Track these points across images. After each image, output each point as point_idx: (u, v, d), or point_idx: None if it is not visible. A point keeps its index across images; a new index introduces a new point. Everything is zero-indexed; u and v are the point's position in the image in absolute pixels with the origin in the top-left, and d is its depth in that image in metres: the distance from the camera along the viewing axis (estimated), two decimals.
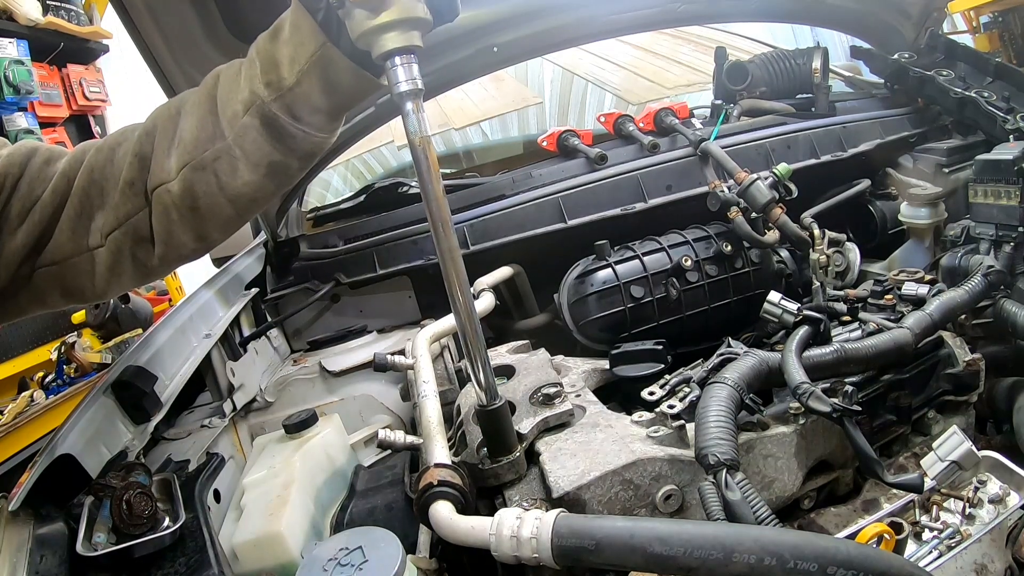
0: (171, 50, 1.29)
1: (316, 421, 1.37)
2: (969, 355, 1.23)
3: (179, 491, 1.08)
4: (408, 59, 0.84)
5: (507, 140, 2.85)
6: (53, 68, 4.31)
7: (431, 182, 0.88)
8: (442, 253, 0.90)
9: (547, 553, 0.77)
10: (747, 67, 2.19)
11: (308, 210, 2.25)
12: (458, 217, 1.86)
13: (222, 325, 1.62)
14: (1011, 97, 1.80)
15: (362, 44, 0.85)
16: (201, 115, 0.93)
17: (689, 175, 1.85)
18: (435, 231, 0.90)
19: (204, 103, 0.94)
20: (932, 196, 1.76)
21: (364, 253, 1.88)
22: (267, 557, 1.08)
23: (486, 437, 1.00)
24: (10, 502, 0.93)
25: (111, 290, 1.01)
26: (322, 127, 0.94)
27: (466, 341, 0.94)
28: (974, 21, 4.34)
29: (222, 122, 0.92)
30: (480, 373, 0.94)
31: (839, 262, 1.69)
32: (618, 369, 1.34)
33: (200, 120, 0.93)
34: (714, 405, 0.98)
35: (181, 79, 1.31)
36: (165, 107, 0.98)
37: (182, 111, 0.95)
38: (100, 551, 0.91)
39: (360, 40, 0.84)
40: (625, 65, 3.01)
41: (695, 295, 1.56)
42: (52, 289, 0.97)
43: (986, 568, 0.92)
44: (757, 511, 0.84)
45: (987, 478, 1.03)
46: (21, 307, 1.00)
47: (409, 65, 0.85)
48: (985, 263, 1.38)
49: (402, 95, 0.86)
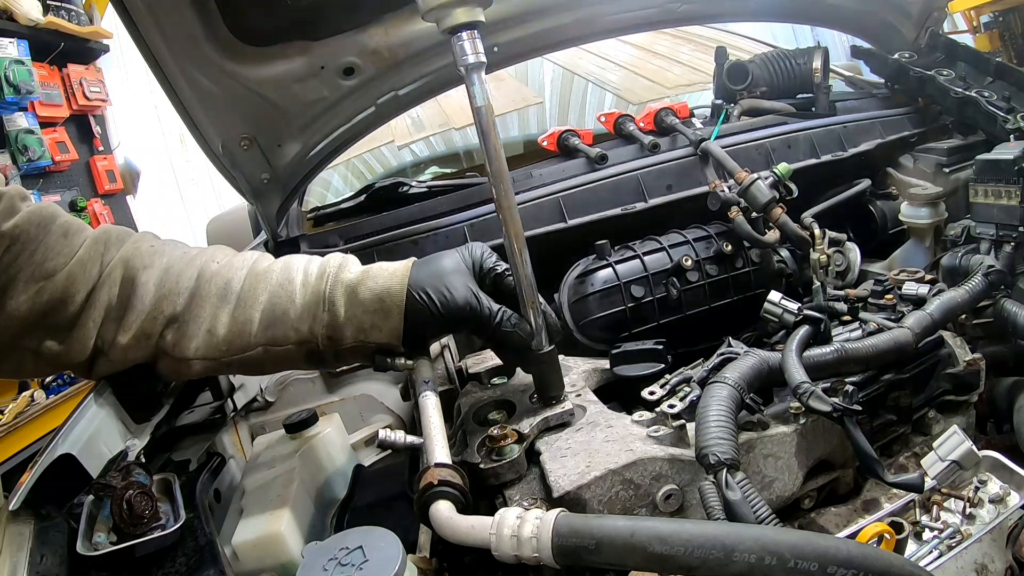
0: (171, 50, 1.29)
1: (316, 421, 1.37)
2: (969, 355, 1.23)
3: (179, 491, 1.08)
4: (473, 34, 0.93)
5: (507, 140, 2.84)
6: (53, 68, 4.31)
7: (493, 145, 1.00)
8: (501, 208, 1.02)
9: (547, 552, 0.77)
10: (747, 67, 2.18)
11: (308, 210, 2.25)
12: (458, 217, 1.86)
13: None
14: (1011, 97, 1.80)
15: (430, 19, 0.92)
16: (243, 321, 0.94)
17: (689, 175, 1.85)
18: (493, 184, 1.02)
19: (247, 304, 0.94)
20: (932, 196, 1.76)
21: (364, 253, 1.88)
22: (267, 557, 1.08)
23: (536, 381, 1.10)
24: (10, 502, 0.93)
25: None
26: (354, 363, 1.03)
27: (520, 288, 1.04)
28: (974, 21, 4.34)
29: (260, 337, 0.93)
30: (534, 319, 1.05)
31: (839, 262, 1.69)
32: (618, 369, 1.34)
33: (241, 326, 0.94)
34: (714, 405, 0.98)
35: (181, 79, 1.31)
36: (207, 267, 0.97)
37: (224, 292, 0.95)
38: (100, 551, 0.91)
39: (429, 16, 0.91)
40: (625, 65, 3.01)
41: (695, 295, 1.56)
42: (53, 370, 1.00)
43: (986, 568, 0.92)
44: (757, 511, 0.84)
45: (988, 478, 1.03)
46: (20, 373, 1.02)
47: (474, 40, 0.93)
48: (985, 263, 1.38)
49: (469, 67, 0.94)
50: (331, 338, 0.91)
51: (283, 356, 0.93)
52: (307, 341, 0.92)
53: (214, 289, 0.95)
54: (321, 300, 0.93)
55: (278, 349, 0.92)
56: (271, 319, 0.93)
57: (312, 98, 1.63)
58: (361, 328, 0.91)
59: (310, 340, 0.92)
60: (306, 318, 0.92)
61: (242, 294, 0.95)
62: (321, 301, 0.93)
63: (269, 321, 0.92)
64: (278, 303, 0.93)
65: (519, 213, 1.05)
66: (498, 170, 1.01)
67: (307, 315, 0.92)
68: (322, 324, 0.91)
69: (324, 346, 0.92)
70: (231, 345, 0.93)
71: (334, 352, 0.93)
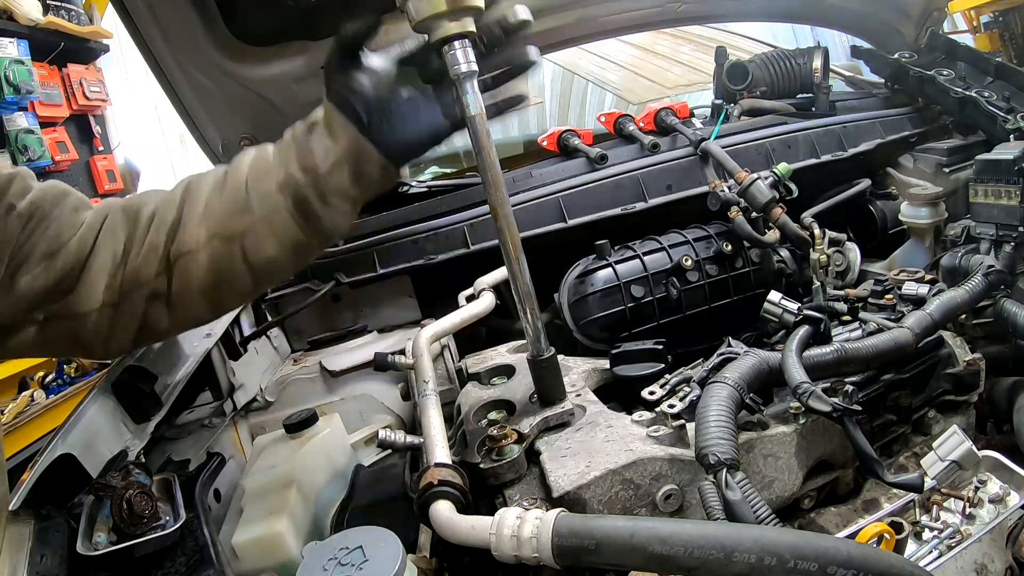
0: (171, 50, 1.29)
1: (316, 421, 1.37)
2: (969, 355, 1.23)
3: (179, 491, 1.08)
4: (464, 43, 0.94)
5: (507, 140, 2.84)
6: (53, 68, 4.31)
7: (486, 150, 0.99)
8: (497, 217, 1.02)
9: (547, 553, 0.77)
10: (747, 67, 2.18)
11: None
12: (458, 217, 1.86)
13: (222, 324, 1.62)
14: (1011, 97, 1.80)
15: (421, 30, 0.94)
16: (233, 189, 0.99)
17: (689, 175, 1.85)
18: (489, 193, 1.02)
19: (235, 179, 0.99)
20: (932, 196, 1.76)
21: (364, 253, 1.88)
22: (267, 556, 1.09)
23: (537, 386, 1.11)
24: (10, 501, 0.93)
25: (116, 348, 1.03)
26: (346, 213, 1.02)
27: (519, 295, 1.05)
28: (974, 21, 4.35)
29: (253, 199, 0.97)
30: (532, 325, 1.06)
31: (839, 262, 1.69)
32: (618, 369, 1.34)
33: (232, 194, 0.98)
34: (714, 405, 0.98)
35: (181, 79, 1.31)
36: (195, 179, 1.02)
37: (213, 185, 1.00)
38: (100, 550, 0.92)
39: (420, 27, 0.93)
40: (625, 65, 3.01)
41: (695, 295, 1.56)
42: (63, 339, 0.97)
43: (986, 568, 0.92)
44: (757, 511, 0.84)
45: (987, 478, 1.03)
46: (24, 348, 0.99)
47: (465, 49, 0.94)
48: (985, 263, 1.38)
49: (461, 76, 0.95)
50: (305, 168, 0.96)
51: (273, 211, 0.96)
52: (288, 183, 0.96)
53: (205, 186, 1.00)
54: (289, 144, 1.00)
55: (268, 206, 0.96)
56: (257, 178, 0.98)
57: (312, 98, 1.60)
58: (324, 148, 0.96)
59: (290, 181, 0.96)
60: (281, 163, 0.98)
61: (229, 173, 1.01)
62: (289, 144, 1.00)
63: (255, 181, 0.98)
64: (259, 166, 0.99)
65: (519, 213, 1.06)
66: (493, 179, 1.01)
67: (280, 161, 0.98)
68: (294, 160, 0.97)
69: (304, 183, 0.96)
70: (229, 216, 0.97)
71: (317, 192, 0.96)
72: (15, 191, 0.91)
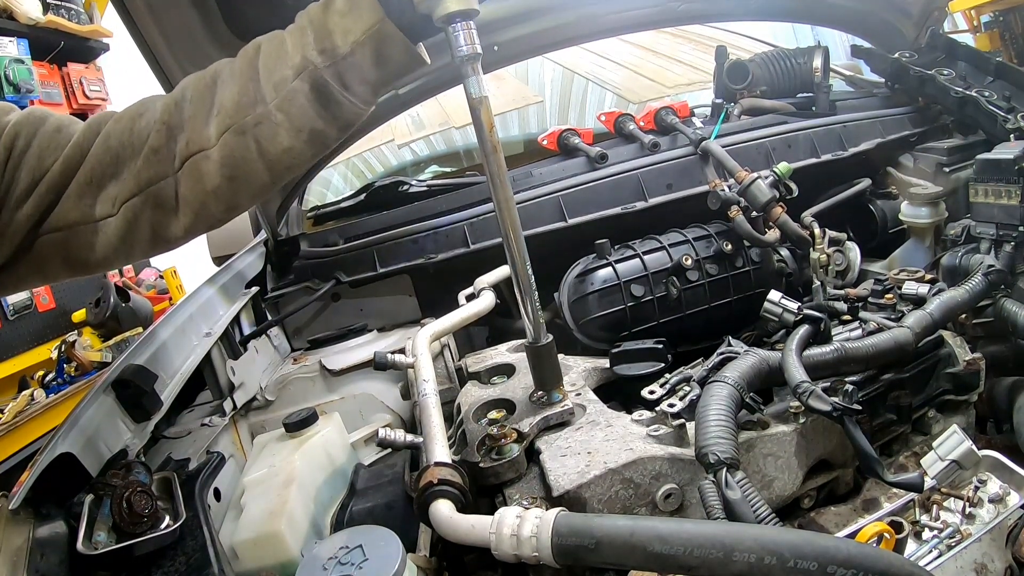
0: (171, 49, 1.29)
1: (316, 420, 1.37)
2: (969, 354, 1.23)
3: (179, 490, 1.08)
4: (468, 24, 0.90)
5: (507, 139, 2.84)
6: (53, 67, 4.31)
7: (488, 137, 0.98)
8: (498, 202, 1.01)
9: (547, 552, 0.77)
10: (747, 66, 2.18)
11: (308, 209, 2.25)
12: (458, 216, 1.86)
13: (222, 324, 1.62)
14: (1012, 96, 1.80)
15: (424, 8, 0.88)
16: (243, 82, 0.93)
17: (689, 174, 1.85)
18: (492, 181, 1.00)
19: (245, 71, 0.94)
20: (933, 195, 1.76)
21: (364, 252, 1.88)
22: (267, 556, 1.09)
23: (535, 372, 1.11)
24: (10, 501, 0.93)
25: (118, 260, 0.99)
26: (366, 99, 0.96)
27: (518, 283, 1.05)
28: (975, 20, 4.34)
29: (265, 88, 0.92)
30: (530, 313, 1.06)
31: (839, 261, 1.69)
32: (618, 368, 1.34)
33: (242, 87, 0.93)
34: (714, 404, 0.98)
35: (181, 78, 1.31)
36: (196, 78, 0.97)
37: (218, 80, 0.94)
38: (100, 550, 0.92)
39: (423, 4, 0.87)
40: (626, 64, 3.01)
41: (695, 294, 1.56)
42: (53, 258, 0.95)
43: (986, 567, 0.92)
44: (757, 510, 0.84)
45: (987, 477, 1.03)
46: (20, 278, 0.97)
47: (469, 30, 0.90)
48: (985, 262, 1.38)
49: (463, 59, 0.91)
50: (323, 50, 0.90)
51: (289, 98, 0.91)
52: (304, 67, 0.91)
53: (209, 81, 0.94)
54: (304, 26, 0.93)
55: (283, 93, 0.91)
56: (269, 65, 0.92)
57: None
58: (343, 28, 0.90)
59: (307, 64, 0.91)
60: (296, 46, 0.92)
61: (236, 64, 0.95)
62: (304, 27, 0.93)
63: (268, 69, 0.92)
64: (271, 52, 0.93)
65: (519, 212, 1.05)
66: (495, 164, 1.00)
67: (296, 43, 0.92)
68: (311, 42, 0.91)
69: (322, 65, 0.90)
70: (240, 109, 0.92)
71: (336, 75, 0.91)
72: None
